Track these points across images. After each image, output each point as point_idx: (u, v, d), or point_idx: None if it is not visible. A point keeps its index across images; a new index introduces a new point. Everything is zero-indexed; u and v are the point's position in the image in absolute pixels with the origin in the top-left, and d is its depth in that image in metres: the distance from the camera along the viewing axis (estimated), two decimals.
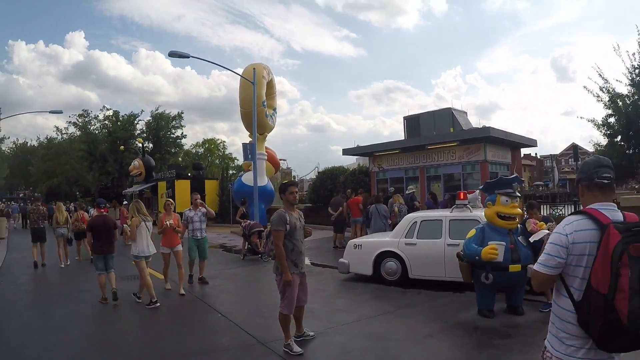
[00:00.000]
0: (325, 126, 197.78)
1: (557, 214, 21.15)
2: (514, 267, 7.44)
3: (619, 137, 19.55)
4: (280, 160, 48.26)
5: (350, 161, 34.09)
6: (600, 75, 18.80)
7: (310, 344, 6.53)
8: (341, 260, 11.44)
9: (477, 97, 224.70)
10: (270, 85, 27.14)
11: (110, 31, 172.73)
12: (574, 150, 24.71)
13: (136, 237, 9.32)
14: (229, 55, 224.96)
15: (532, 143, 24.16)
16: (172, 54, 19.20)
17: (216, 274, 12.42)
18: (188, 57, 19.58)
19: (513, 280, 7.62)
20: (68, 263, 14.98)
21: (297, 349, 6.15)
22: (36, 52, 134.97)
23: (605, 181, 2.80)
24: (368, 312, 8.42)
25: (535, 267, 2.81)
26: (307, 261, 12.37)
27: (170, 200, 10.91)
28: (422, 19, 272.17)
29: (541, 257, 2.78)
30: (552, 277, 2.75)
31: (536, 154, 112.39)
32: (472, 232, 7.97)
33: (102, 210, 10.39)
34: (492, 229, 7.76)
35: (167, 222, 10.27)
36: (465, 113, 25.37)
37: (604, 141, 20.40)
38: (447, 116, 23.60)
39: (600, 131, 19.75)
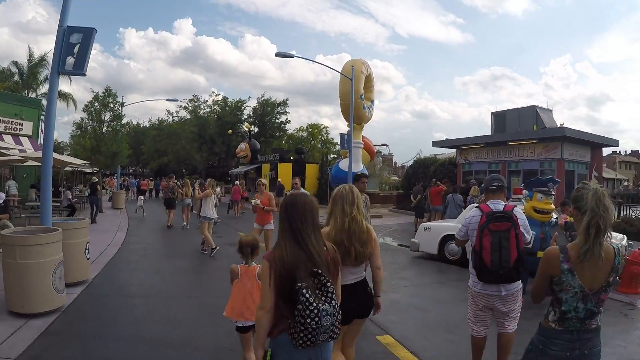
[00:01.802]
0: (429, 113, 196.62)
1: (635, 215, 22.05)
2: (541, 254, 9.02)
3: None
4: (382, 145, 50.01)
5: (450, 151, 35.29)
6: None
7: None
8: (413, 240, 13.43)
9: (587, 87, 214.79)
10: (369, 78, 29.03)
11: (216, 18, 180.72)
12: None
13: (201, 200, 13.35)
14: (334, 40, 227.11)
15: (612, 143, 24.77)
16: (279, 55, 21.56)
17: None
18: (292, 57, 21.91)
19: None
20: (188, 226, 18.73)
21: None
22: (146, 39, 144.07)
23: (494, 187, 5.08)
24: (425, 280, 10.47)
25: (456, 234, 5.34)
26: (390, 241, 14.41)
27: (261, 180, 12.06)
28: (531, 3, 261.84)
29: (458, 231, 5.25)
30: (462, 241, 5.17)
31: None
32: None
33: (205, 187, 14.15)
34: (530, 220, 9.43)
35: (253, 201, 11.26)
36: (551, 111, 26.07)
37: None
38: (532, 114, 24.51)
39: None
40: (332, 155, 52.15)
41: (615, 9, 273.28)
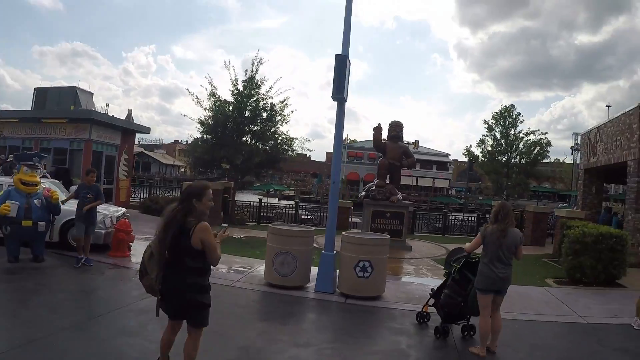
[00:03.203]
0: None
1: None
2: (26, 222, 9.86)
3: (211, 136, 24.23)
4: None
5: None
6: (210, 83, 23.56)
7: None
8: None
9: (165, 79, 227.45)
10: None
11: None
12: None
13: None
14: None
15: (144, 130, 27.74)
16: None
17: None
18: None
19: (28, 233, 9.99)
20: None
21: None
22: None
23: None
24: None
25: None
26: None
27: None
28: None
29: None
30: None
31: None
32: (1, 192, 10.41)
33: None
34: (17, 191, 10.11)
35: None
36: (92, 94, 27.28)
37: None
38: (72, 94, 25.26)
39: (197, 129, 24.49)
40: None
41: (207, 16, 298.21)
